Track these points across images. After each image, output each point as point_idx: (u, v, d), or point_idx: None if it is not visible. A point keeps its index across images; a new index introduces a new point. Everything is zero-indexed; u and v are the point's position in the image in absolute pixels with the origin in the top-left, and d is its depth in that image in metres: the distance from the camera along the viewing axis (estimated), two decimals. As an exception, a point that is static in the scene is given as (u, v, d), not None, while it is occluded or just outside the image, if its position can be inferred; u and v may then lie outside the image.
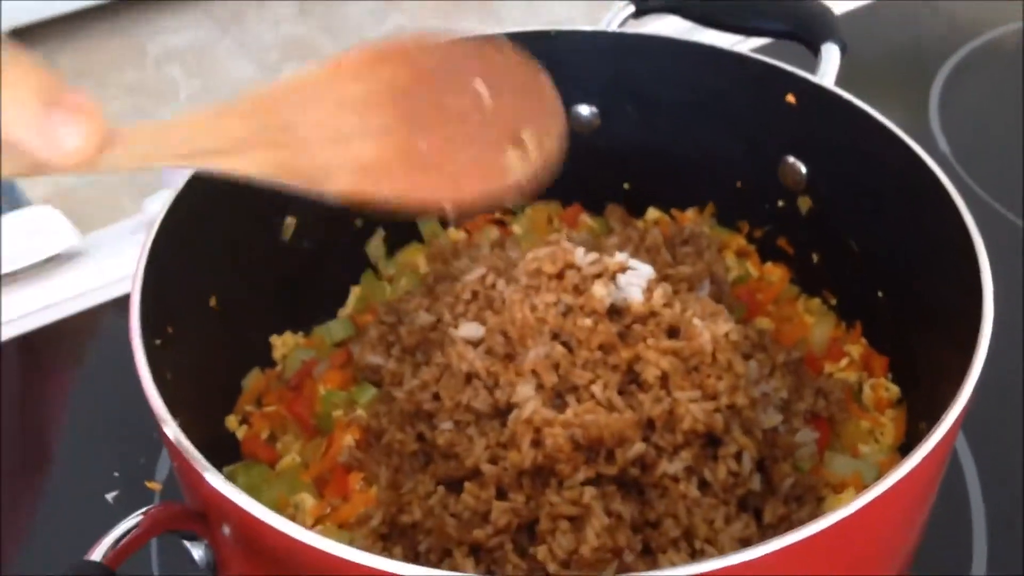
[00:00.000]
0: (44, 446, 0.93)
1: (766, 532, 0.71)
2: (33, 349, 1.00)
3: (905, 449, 0.79)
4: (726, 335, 0.73)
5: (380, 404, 0.83)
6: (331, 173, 0.49)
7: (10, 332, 1.00)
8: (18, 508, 0.87)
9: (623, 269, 0.76)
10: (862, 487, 0.75)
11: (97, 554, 0.52)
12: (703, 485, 0.71)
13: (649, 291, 0.76)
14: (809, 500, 0.74)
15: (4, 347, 0.98)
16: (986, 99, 1.30)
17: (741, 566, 0.50)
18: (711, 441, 0.73)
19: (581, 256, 0.76)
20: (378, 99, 0.51)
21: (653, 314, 0.75)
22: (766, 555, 0.50)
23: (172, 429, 0.57)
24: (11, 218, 1.00)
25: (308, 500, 0.78)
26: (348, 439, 0.81)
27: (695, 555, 0.68)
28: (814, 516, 0.52)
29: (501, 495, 0.72)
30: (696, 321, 0.74)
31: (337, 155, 0.49)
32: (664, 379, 0.73)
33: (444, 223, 1.01)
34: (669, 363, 0.73)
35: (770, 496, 0.73)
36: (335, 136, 0.49)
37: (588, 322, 0.74)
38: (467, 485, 0.72)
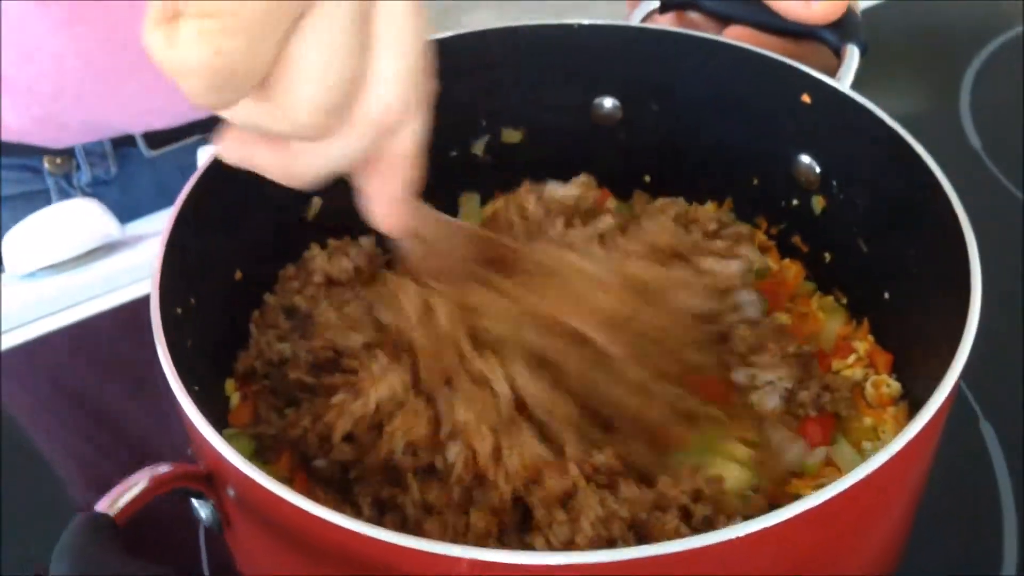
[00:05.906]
0: (91, 438, 0.96)
1: None
2: (77, 340, 1.02)
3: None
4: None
5: None
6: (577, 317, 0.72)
7: (53, 324, 1.03)
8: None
9: None
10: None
11: (105, 507, 0.55)
12: None
13: None
14: None
15: (49, 338, 1.01)
16: (1019, 93, 1.26)
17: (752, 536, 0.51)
18: None
19: None
20: None
21: None
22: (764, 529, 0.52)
23: (181, 394, 0.60)
24: (52, 210, 1.03)
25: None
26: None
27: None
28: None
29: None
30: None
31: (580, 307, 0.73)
32: None
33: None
34: None
35: None
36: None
37: None
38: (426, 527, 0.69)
